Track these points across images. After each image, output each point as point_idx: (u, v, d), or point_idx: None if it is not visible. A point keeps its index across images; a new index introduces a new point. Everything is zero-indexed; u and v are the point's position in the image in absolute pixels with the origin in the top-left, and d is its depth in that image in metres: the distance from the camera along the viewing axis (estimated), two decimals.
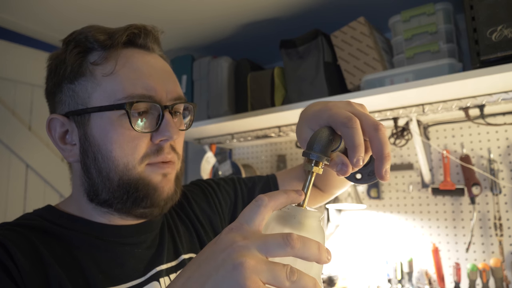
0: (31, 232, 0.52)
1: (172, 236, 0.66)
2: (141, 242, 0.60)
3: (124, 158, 0.54)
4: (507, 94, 1.07)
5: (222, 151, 1.88)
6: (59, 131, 0.58)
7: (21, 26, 1.45)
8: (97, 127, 0.54)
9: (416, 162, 1.43)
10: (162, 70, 0.59)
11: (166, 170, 0.57)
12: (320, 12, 1.38)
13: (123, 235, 0.58)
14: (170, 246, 0.64)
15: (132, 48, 0.58)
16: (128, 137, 0.54)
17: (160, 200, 0.57)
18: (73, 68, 0.55)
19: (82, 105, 0.55)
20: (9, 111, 1.43)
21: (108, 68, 0.55)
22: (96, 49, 0.56)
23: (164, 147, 0.56)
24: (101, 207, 0.57)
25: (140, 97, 0.54)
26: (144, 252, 0.60)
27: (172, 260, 0.63)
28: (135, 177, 0.55)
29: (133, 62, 0.56)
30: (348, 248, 1.54)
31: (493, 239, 1.26)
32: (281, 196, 0.37)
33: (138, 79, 0.55)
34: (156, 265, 0.60)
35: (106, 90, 0.54)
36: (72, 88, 0.56)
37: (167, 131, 0.55)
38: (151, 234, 0.62)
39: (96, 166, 0.55)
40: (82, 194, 0.58)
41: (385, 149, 0.40)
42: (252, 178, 0.83)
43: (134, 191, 0.55)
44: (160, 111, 0.55)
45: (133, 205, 0.56)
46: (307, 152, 0.42)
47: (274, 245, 0.33)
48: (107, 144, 0.54)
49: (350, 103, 0.45)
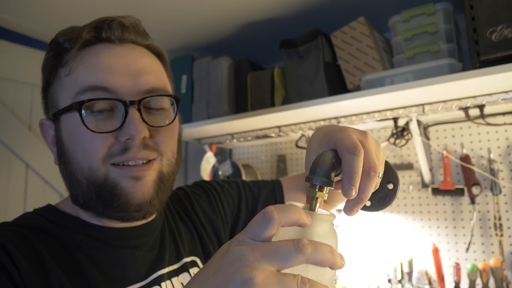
0: (31, 233, 0.51)
1: (174, 238, 0.65)
2: (142, 244, 0.59)
3: (86, 159, 0.52)
4: (507, 94, 1.07)
5: (222, 151, 1.88)
6: (51, 134, 0.58)
7: (21, 26, 1.45)
8: (65, 129, 0.54)
9: (416, 162, 1.43)
10: (130, 62, 0.54)
11: (137, 173, 0.53)
12: (320, 12, 1.38)
13: (124, 238, 0.58)
14: (171, 249, 0.63)
15: (99, 44, 0.55)
16: (89, 137, 0.51)
17: (130, 206, 0.53)
18: (50, 73, 0.56)
19: (55, 108, 0.56)
20: (9, 111, 1.43)
21: (68, 68, 0.54)
22: (66, 50, 0.56)
23: (131, 146, 0.52)
24: (86, 211, 0.56)
25: (93, 89, 0.51)
26: (145, 255, 0.59)
27: (174, 263, 0.62)
28: (100, 178, 0.52)
29: (92, 57, 0.53)
30: (348, 248, 1.54)
31: (493, 239, 1.26)
32: (292, 215, 0.35)
33: (92, 73, 0.52)
34: (158, 269, 0.59)
35: (67, 90, 0.53)
36: (51, 92, 0.57)
37: (130, 129, 0.51)
38: (152, 236, 0.61)
39: (68, 170, 0.54)
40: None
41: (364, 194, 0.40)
42: (257, 183, 0.81)
43: (101, 193, 0.52)
44: (122, 107, 0.51)
45: (105, 208, 0.53)
46: (310, 177, 0.40)
47: (284, 255, 0.32)
48: (72, 147, 0.53)
49: (366, 134, 0.44)
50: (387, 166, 0.47)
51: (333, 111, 1.29)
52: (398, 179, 0.47)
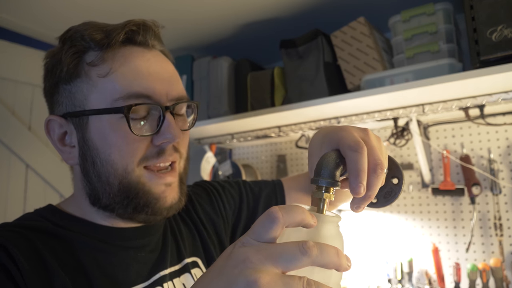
0: (33, 234, 0.51)
1: (175, 239, 0.65)
2: (144, 245, 0.59)
3: (122, 161, 0.53)
4: (507, 94, 1.07)
5: (222, 151, 1.88)
6: (58, 133, 0.56)
7: (21, 26, 1.45)
8: (96, 130, 0.53)
9: (416, 162, 1.43)
10: (162, 68, 0.56)
11: (168, 180, 0.56)
12: (320, 12, 1.38)
13: (126, 238, 0.58)
14: (173, 250, 0.63)
15: (131, 46, 0.56)
16: (127, 140, 0.52)
17: (163, 210, 0.56)
18: (68, 69, 0.54)
19: (79, 107, 0.54)
20: (9, 111, 1.43)
21: (104, 69, 0.53)
22: (92, 48, 0.54)
23: (166, 149, 0.55)
24: (104, 211, 0.56)
25: (137, 96, 0.52)
26: (147, 256, 0.59)
27: (176, 264, 0.62)
28: (134, 181, 0.53)
29: (130, 62, 0.54)
30: (348, 248, 1.54)
31: (493, 239, 1.26)
32: (297, 215, 0.34)
33: (135, 79, 0.53)
34: (160, 270, 0.59)
35: (102, 91, 0.52)
36: (68, 89, 0.54)
37: (168, 133, 0.53)
38: (154, 236, 0.62)
39: (95, 171, 0.54)
40: (84, 197, 0.57)
41: (371, 191, 0.40)
42: (258, 183, 0.81)
43: (134, 196, 0.54)
44: (161, 112, 0.54)
45: (134, 211, 0.54)
46: (315, 179, 0.40)
47: (289, 257, 0.32)
48: (105, 148, 0.53)
49: (366, 131, 0.44)
50: (390, 161, 0.47)
51: (333, 111, 1.29)
52: (403, 173, 0.47)
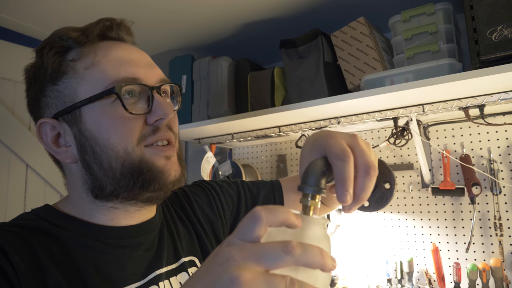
0: (29, 233, 0.51)
1: (172, 238, 0.65)
2: (140, 243, 0.59)
3: (122, 143, 0.54)
4: (507, 94, 1.07)
5: (222, 151, 1.88)
6: (51, 135, 0.57)
7: (21, 26, 1.45)
8: (90, 119, 0.54)
9: (416, 162, 1.43)
10: (141, 55, 0.59)
11: (168, 153, 0.57)
12: (320, 12, 1.38)
13: (122, 237, 0.58)
14: (170, 248, 0.64)
15: (107, 40, 0.58)
16: (122, 121, 0.54)
17: (168, 183, 0.56)
18: (53, 69, 0.55)
19: (70, 102, 0.55)
20: (9, 111, 1.43)
21: (88, 61, 0.55)
22: (72, 47, 0.56)
23: (160, 127, 0.56)
24: (106, 203, 0.56)
25: (126, 81, 0.54)
26: (143, 254, 0.59)
27: (172, 263, 0.62)
28: (136, 160, 0.54)
29: (111, 52, 0.56)
30: (348, 248, 1.54)
31: (493, 239, 1.26)
32: (280, 215, 0.34)
33: (120, 66, 0.55)
34: (156, 268, 0.59)
35: (91, 81, 0.54)
36: (56, 88, 0.56)
37: (160, 110, 0.55)
38: (150, 235, 0.62)
39: (97, 160, 0.54)
40: (85, 195, 0.57)
41: (364, 194, 0.41)
42: (256, 183, 0.81)
43: (139, 174, 0.54)
44: (149, 92, 0.56)
45: (141, 189, 0.55)
46: (301, 186, 0.40)
47: (272, 255, 0.32)
48: (103, 134, 0.54)
49: (355, 137, 0.44)
50: (382, 166, 0.47)
51: (333, 111, 1.29)
52: (394, 178, 0.48)
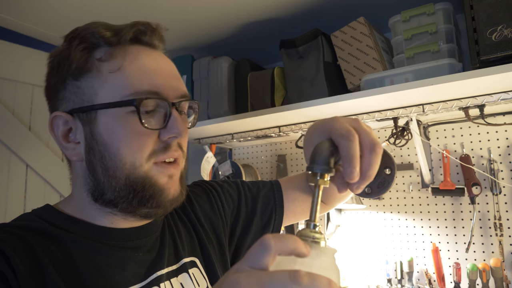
0: (29, 235, 0.51)
1: (173, 239, 0.65)
2: (141, 245, 0.59)
3: (131, 156, 0.53)
4: (507, 94, 1.07)
5: (222, 151, 1.88)
6: (62, 129, 0.56)
7: (21, 26, 1.45)
8: (104, 124, 0.53)
9: (416, 162, 1.43)
10: (168, 67, 0.58)
11: (172, 171, 0.56)
12: (320, 12, 1.38)
13: (124, 239, 0.58)
14: (171, 249, 0.63)
15: (138, 45, 0.57)
16: (136, 134, 0.53)
17: (166, 202, 0.56)
18: (78, 65, 0.54)
19: (88, 102, 0.54)
20: (9, 111, 1.43)
21: (114, 65, 0.54)
22: (101, 45, 0.55)
23: (171, 144, 0.56)
24: (105, 207, 0.56)
25: (147, 94, 0.53)
26: (144, 255, 0.59)
27: (173, 263, 0.62)
28: (141, 175, 0.54)
29: (139, 59, 0.55)
30: (348, 248, 1.54)
31: (493, 239, 1.26)
32: (289, 244, 0.34)
33: (145, 76, 0.54)
34: (157, 270, 0.59)
35: (112, 86, 0.53)
36: (77, 84, 0.55)
37: (175, 128, 0.54)
38: (152, 237, 0.61)
39: (103, 165, 0.54)
40: (85, 194, 0.57)
41: (371, 171, 0.42)
42: (256, 183, 0.81)
43: (140, 190, 0.54)
44: (168, 108, 0.55)
45: (139, 204, 0.55)
46: (310, 166, 0.41)
47: (279, 284, 0.31)
48: (114, 142, 0.53)
49: (357, 120, 0.46)
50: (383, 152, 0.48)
51: (333, 111, 1.29)
52: (395, 163, 0.49)
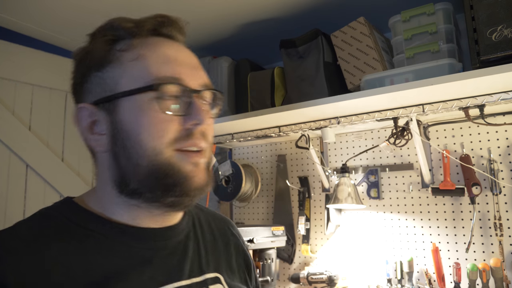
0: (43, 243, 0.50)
1: (198, 249, 0.63)
2: (161, 248, 0.58)
3: (151, 142, 0.53)
4: (507, 94, 1.07)
5: (222, 151, 1.88)
6: (88, 121, 0.56)
7: (21, 26, 1.45)
8: (126, 112, 0.54)
9: (416, 162, 1.43)
10: (189, 57, 0.59)
11: (196, 159, 0.56)
12: (320, 12, 1.38)
13: (143, 239, 0.57)
14: (194, 261, 0.61)
15: (158, 36, 0.59)
16: (157, 120, 0.53)
17: (192, 190, 0.55)
18: (100, 57, 0.55)
19: (110, 91, 0.55)
20: (9, 111, 1.43)
21: (134, 54, 0.55)
22: (123, 37, 0.57)
23: (194, 132, 0.55)
24: (130, 199, 0.55)
25: (168, 80, 0.53)
26: (163, 260, 0.57)
27: (196, 276, 0.60)
28: (164, 162, 0.53)
29: (160, 48, 0.56)
30: (348, 248, 1.54)
31: (493, 239, 1.26)
32: None
33: (165, 64, 0.55)
34: (177, 279, 0.57)
35: (133, 74, 0.54)
36: (100, 75, 0.56)
37: (197, 115, 0.54)
38: (171, 241, 0.60)
39: (125, 153, 0.54)
40: (110, 187, 0.56)
41: None
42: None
43: (163, 177, 0.53)
44: (190, 95, 0.55)
45: (163, 193, 0.54)
46: None
47: None
48: (135, 128, 0.53)
49: None
50: None
51: (333, 111, 1.29)
52: None
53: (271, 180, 1.80)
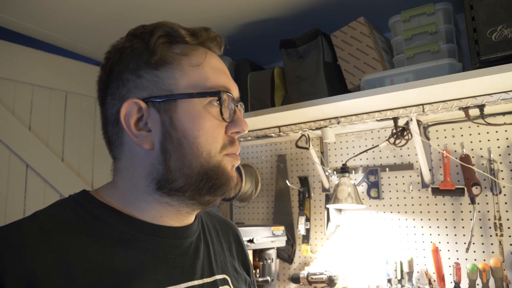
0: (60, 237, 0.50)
1: (208, 251, 0.65)
2: (175, 246, 0.59)
3: (208, 145, 0.57)
4: (507, 94, 1.07)
5: None
6: (135, 117, 0.57)
7: (21, 26, 1.45)
8: (185, 112, 0.56)
9: (416, 162, 1.43)
10: (228, 71, 0.65)
11: (235, 162, 0.61)
12: (320, 12, 1.38)
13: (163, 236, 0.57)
14: (205, 261, 0.63)
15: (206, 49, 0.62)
16: (214, 125, 0.57)
17: (231, 189, 0.60)
18: (160, 56, 0.57)
19: (167, 90, 0.57)
20: (9, 111, 1.43)
21: (195, 60, 0.59)
22: (179, 42, 0.59)
23: (235, 139, 0.61)
24: (166, 197, 0.57)
25: (225, 89, 0.59)
26: (176, 259, 0.58)
27: (208, 276, 0.61)
28: (215, 165, 0.57)
29: (212, 59, 0.61)
30: (348, 248, 1.54)
31: (493, 239, 1.26)
32: None
33: (218, 74, 0.60)
34: (190, 279, 0.58)
35: (194, 79, 0.57)
36: (156, 74, 0.57)
37: (241, 124, 0.60)
38: (185, 240, 0.61)
39: (179, 152, 0.56)
40: (144, 184, 0.57)
41: None
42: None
43: (213, 178, 0.57)
44: (234, 105, 0.60)
45: (207, 191, 0.58)
46: None
47: None
48: (193, 130, 0.56)
49: None
50: None
51: (333, 111, 1.29)
52: None
53: (271, 180, 1.80)
